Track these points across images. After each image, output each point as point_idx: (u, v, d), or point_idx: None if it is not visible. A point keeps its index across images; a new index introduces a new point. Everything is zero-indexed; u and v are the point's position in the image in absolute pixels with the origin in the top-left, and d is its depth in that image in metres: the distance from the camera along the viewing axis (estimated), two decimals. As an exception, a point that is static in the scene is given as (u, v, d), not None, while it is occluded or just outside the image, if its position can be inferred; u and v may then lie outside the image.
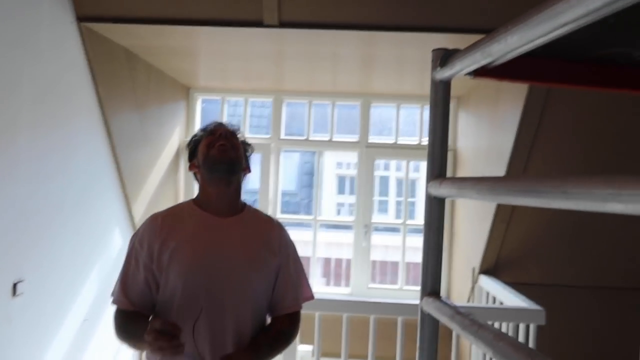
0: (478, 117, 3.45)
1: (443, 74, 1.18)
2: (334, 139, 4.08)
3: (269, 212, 3.97)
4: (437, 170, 1.22)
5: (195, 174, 1.54)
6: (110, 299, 1.43)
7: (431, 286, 1.22)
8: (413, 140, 4.12)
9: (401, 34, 2.38)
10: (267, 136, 4.10)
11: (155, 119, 3.42)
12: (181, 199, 3.92)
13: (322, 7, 2.29)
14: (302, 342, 2.82)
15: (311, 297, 1.60)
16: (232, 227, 1.47)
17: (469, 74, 1.18)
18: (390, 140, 4.10)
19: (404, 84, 3.71)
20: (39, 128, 2.19)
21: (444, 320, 1.10)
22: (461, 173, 3.64)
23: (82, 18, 2.40)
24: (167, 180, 3.74)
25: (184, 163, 3.96)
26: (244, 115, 4.10)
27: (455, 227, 3.79)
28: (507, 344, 0.85)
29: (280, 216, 4.12)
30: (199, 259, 1.41)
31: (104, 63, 2.66)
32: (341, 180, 13.10)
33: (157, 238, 1.42)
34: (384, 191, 11.42)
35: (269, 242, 1.51)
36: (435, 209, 1.21)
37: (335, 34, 2.44)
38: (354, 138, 4.06)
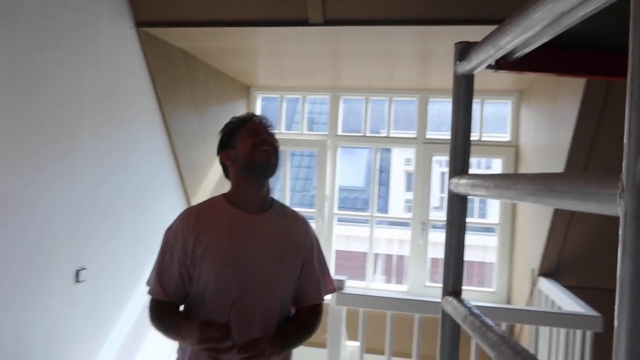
0: (538, 111, 3.28)
1: (463, 67, 1.15)
2: (391, 135, 4.04)
3: (326, 209, 4.02)
4: (459, 166, 1.19)
5: (224, 166, 1.58)
6: (147, 289, 1.53)
7: (452, 285, 1.19)
8: (472, 136, 3.98)
9: (457, 27, 2.32)
10: (324, 133, 4.14)
11: (214, 117, 3.56)
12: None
13: (366, 4, 2.28)
14: (351, 338, 2.83)
15: (333, 289, 1.68)
16: (262, 224, 1.52)
17: (491, 67, 1.14)
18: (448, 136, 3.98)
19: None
20: (99, 128, 2.36)
21: (458, 320, 1.07)
22: (522, 170, 3.47)
23: (140, 23, 2.56)
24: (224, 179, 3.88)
25: (243, 160, 4.09)
26: (302, 112, 4.17)
27: (516, 227, 3.63)
28: (508, 348, 0.82)
29: (337, 212, 4.15)
30: (230, 255, 1.47)
31: (162, 65, 2.81)
32: (409, 176, 12.89)
33: (190, 233, 1.48)
34: (445, 188, 11.07)
35: (295, 237, 1.57)
36: (457, 206, 1.18)
37: (387, 29, 2.42)
38: (411, 134, 4.00)
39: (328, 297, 2.21)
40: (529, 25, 0.80)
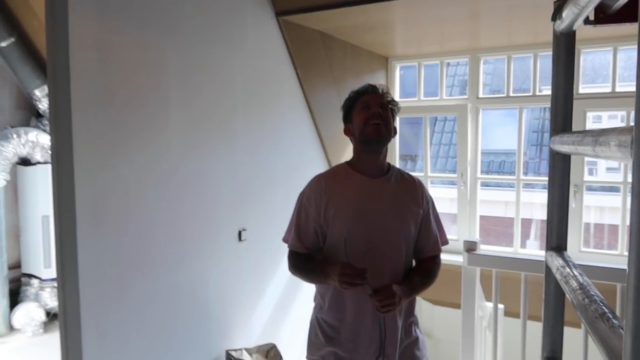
0: None
1: (559, 26, 1.15)
2: (537, 94, 3.82)
3: (469, 174, 3.98)
4: (561, 124, 1.20)
5: (350, 138, 1.79)
6: (286, 244, 1.82)
7: (556, 241, 1.23)
8: (632, 86, 3.55)
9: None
10: (464, 97, 4.08)
11: (352, 89, 3.77)
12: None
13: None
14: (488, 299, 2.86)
15: (446, 242, 1.85)
16: (382, 186, 1.74)
17: (589, 22, 1.12)
18: (605, 89, 3.62)
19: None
20: (250, 111, 2.74)
21: (556, 274, 1.11)
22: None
23: (279, 13, 2.86)
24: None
25: (384, 129, 4.26)
26: (440, 77, 4.15)
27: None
28: (585, 303, 0.86)
29: (480, 177, 4.09)
30: (358, 214, 1.69)
31: (301, 48, 3.09)
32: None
33: (322, 197, 1.73)
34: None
35: (414, 196, 1.78)
36: (558, 165, 1.20)
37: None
38: (560, 90, 3.72)
39: (460, 258, 2.31)
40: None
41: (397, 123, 1.85)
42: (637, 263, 0.56)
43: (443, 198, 7.49)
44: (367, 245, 1.67)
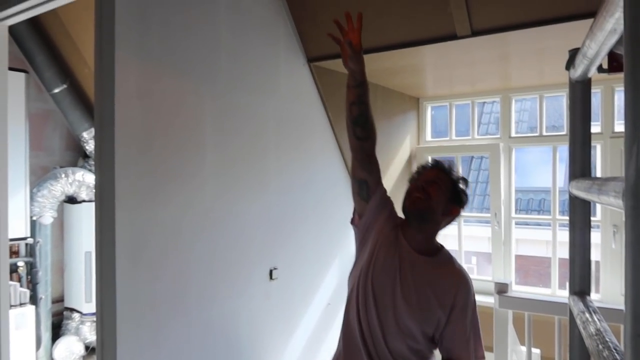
0: None
1: (574, 74, 1.19)
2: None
3: (502, 213, 3.94)
4: (579, 169, 1.22)
5: None
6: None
7: (578, 285, 1.22)
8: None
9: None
10: (496, 136, 4.08)
11: (384, 131, 3.84)
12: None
13: (510, 10, 2.30)
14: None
15: (482, 356, 1.62)
16: (416, 265, 1.60)
17: (603, 70, 1.15)
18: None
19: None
20: (282, 151, 2.84)
21: (575, 317, 1.11)
22: None
23: (311, 59, 3.00)
24: (400, 186, 4.12)
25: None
26: (472, 117, 4.18)
27: None
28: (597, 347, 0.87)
29: (515, 216, 4.03)
30: (378, 275, 1.58)
31: (333, 92, 3.21)
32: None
33: (383, 218, 1.65)
34: None
35: (444, 292, 1.58)
36: (578, 208, 1.21)
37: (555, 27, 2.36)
38: (595, 129, 3.68)
39: (483, 299, 2.27)
40: (600, 30, 0.85)
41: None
42: (633, 308, 0.59)
43: (480, 237, 7.35)
44: (374, 308, 1.57)
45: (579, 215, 1.21)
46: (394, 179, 4.00)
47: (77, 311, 4.42)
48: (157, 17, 2.17)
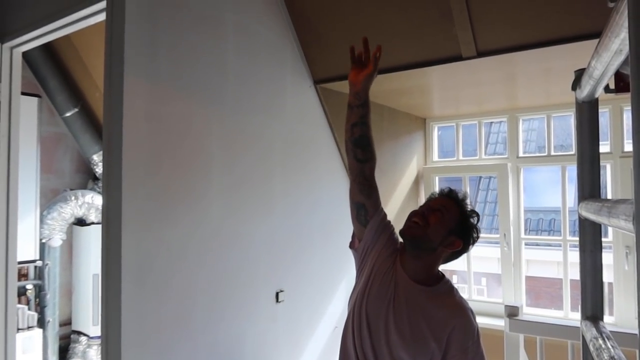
0: None
1: (581, 94, 1.18)
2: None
3: (512, 234, 3.89)
4: (588, 190, 1.21)
5: None
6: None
7: (590, 310, 1.19)
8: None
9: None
10: (504, 156, 4.06)
11: (390, 151, 3.84)
12: (423, 222, 4.22)
13: (514, 32, 2.31)
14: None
15: None
16: (411, 294, 1.51)
17: (610, 90, 1.14)
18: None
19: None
20: (288, 172, 2.85)
21: (587, 342, 1.08)
22: None
23: (317, 81, 3.02)
24: (407, 205, 4.09)
25: (424, 189, 4.27)
26: (479, 137, 4.17)
27: None
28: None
29: (525, 237, 3.98)
30: (372, 302, 1.51)
31: (339, 113, 3.22)
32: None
33: (381, 243, 1.59)
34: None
35: (438, 325, 1.47)
36: (589, 230, 1.19)
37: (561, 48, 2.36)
38: (604, 148, 3.65)
39: (494, 322, 2.23)
40: (603, 51, 0.85)
41: (436, 183, 1.76)
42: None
43: (489, 257, 7.26)
44: (368, 336, 1.51)
45: (589, 238, 1.19)
46: (400, 199, 3.98)
47: (85, 334, 4.39)
48: (166, 41, 2.21)
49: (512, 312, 2.28)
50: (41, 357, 4.05)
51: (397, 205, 3.90)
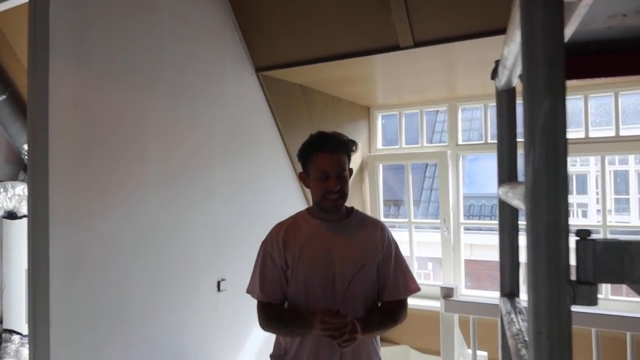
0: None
1: (499, 83, 1.23)
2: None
3: (451, 220, 4.03)
4: (507, 175, 1.26)
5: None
6: (253, 295, 1.83)
7: (508, 287, 1.26)
8: (608, 132, 3.67)
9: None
10: (444, 144, 4.19)
11: (334, 140, 3.87)
12: (367, 208, 4.29)
13: (451, 23, 2.37)
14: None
15: (417, 289, 1.84)
16: (341, 231, 1.77)
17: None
18: (579, 134, 3.75)
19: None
20: (230, 162, 2.81)
21: (503, 317, 1.14)
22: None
23: (259, 69, 2.99)
24: (352, 192, 4.14)
25: (368, 176, 4.34)
26: (420, 125, 4.27)
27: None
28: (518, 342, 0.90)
29: (464, 222, 4.13)
30: (318, 259, 1.73)
31: (282, 101, 3.21)
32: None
33: (283, 245, 1.77)
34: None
35: (374, 241, 1.79)
36: (506, 212, 1.25)
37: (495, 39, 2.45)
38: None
39: (438, 304, 2.32)
40: (510, 41, 0.89)
41: (380, 171, 1.89)
42: (534, 307, 0.61)
43: (435, 243, 7.50)
44: (326, 291, 1.70)
45: (507, 219, 1.25)
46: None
47: (17, 333, 4.19)
48: (97, 23, 2.11)
49: (447, 294, 2.37)
50: (-29, 358, 3.84)
51: (341, 193, 3.94)
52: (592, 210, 10.11)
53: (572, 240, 0.62)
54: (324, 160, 1.72)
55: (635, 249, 0.56)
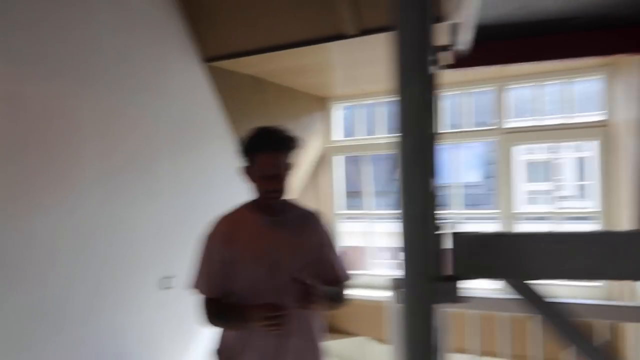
0: (630, 85, 3.02)
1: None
2: (473, 129, 3.98)
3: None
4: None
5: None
6: (194, 290, 1.79)
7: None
8: (561, 119, 3.74)
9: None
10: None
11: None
12: (322, 200, 4.28)
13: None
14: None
15: (347, 277, 1.87)
16: (282, 225, 1.78)
17: (449, 67, 1.19)
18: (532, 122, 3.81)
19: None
20: (177, 152, 2.74)
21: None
22: (615, 149, 3.20)
23: (207, 59, 2.91)
24: (310, 184, 4.12)
25: (327, 168, 4.31)
26: (379, 116, 4.27)
27: (617, 215, 3.35)
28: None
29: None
30: (258, 253, 1.72)
31: (232, 93, 3.14)
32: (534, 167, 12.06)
33: (224, 237, 1.75)
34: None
35: (308, 232, 1.82)
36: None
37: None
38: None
39: (388, 295, 2.35)
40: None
41: (339, 162, 1.85)
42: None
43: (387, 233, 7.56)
44: (270, 285, 1.69)
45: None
46: (303, 178, 3.99)
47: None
48: (25, 15, 2.01)
49: (396, 285, 2.37)
50: None
51: (299, 184, 3.91)
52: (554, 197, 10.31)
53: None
54: (267, 160, 1.69)
55: (505, 242, 0.54)
